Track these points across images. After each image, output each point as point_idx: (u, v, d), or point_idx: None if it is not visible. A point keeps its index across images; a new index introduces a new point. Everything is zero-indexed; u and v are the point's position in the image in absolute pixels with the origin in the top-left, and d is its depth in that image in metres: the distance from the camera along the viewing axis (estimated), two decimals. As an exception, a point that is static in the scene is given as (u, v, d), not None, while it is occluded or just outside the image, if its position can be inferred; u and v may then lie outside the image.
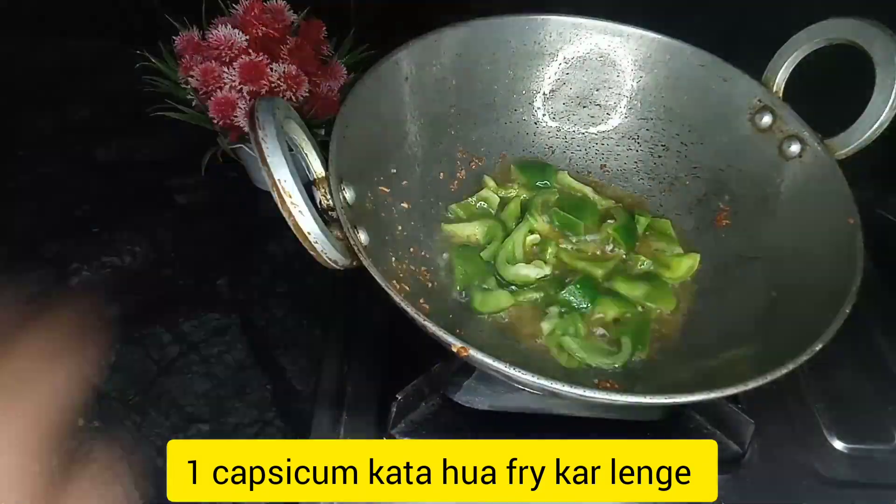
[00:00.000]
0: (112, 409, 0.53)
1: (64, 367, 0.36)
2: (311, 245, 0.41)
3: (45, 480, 0.34)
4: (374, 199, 0.52)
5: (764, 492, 0.51)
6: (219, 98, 0.58)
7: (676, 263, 0.58)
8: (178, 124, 0.67)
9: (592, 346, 0.53)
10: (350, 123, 0.49)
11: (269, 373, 0.56)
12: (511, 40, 0.61)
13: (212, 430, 0.53)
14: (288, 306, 0.61)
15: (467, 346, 0.39)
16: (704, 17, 0.74)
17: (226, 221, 0.68)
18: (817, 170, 0.54)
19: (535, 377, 0.38)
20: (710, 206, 0.61)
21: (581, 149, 0.66)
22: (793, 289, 0.51)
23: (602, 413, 0.53)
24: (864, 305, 0.62)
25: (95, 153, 0.74)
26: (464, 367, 0.54)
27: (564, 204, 0.61)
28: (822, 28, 0.55)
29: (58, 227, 0.66)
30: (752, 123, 0.58)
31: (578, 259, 0.58)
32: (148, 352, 0.57)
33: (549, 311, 0.54)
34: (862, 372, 0.59)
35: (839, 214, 0.50)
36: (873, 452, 0.54)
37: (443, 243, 0.59)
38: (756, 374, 0.40)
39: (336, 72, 0.63)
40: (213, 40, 0.59)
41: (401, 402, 0.50)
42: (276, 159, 0.39)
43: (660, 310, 0.56)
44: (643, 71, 0.63)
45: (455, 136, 0.62)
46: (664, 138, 0.64)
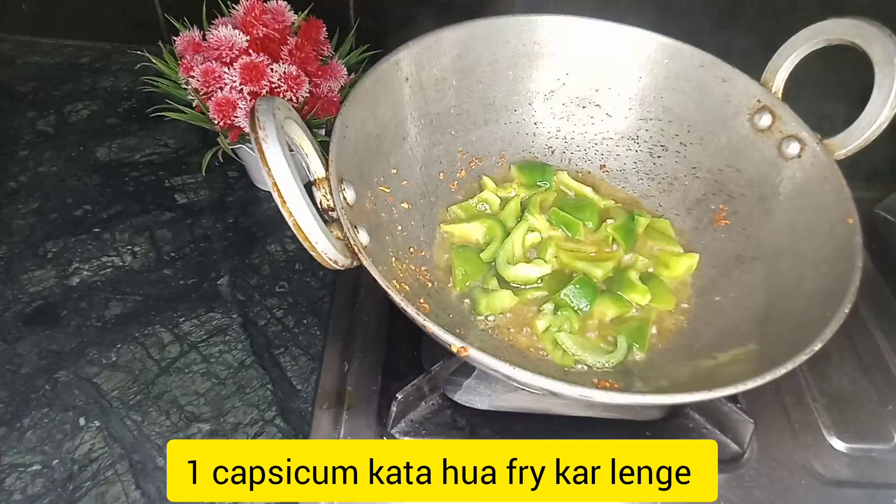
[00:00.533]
0: (112, 409, 0.53)
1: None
2: (312, 245, 0.41)
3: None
4: (374, 199, 0.52)
5: (764, 492, 0.51)
6: (219, 98, 0.58)
7: (675, 263, 0.58)
8: (178, 124, 0.68)
9: (588, 343, 0.53)
10: (350, 123, 0.49)
11: (269, 373, 0.57)
12: (511, 40, 0.61)
13: (212, 429, 0.53)
14: (288, 306, 0.61)
15: (467, 346, 0.39)
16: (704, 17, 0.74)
17: (226, 221, 0.68)
18: (816, 170, 0.54)
19: (534, 377, 0.38)
20: (709, 207, 0.61)
21: (581, 149, 0.67)
22: (792, 288, 0.51)
23: (602, 413, 0.53)
24: (864, 305, 0.63)
25: (96, 153, 0.74)
26: (464, 367, 0.54)
27: (564, 204, 0.61)
28: (821, 28, 0.55)
29: (58, 227, 0.66)
30: (752, 124, 0.58)
31: (578, 259, 0.58)
32: (148, 352, 0.57)
33: (543, 307, 0.54)
34: (862, 372, 0.59)
35: (838, 214, 0.50)
36: (873, 452, 0.54)
37: (443, 243, 0.59)
38: (756, 374, 0.40)
39: (336, 72, 0.64)
40: (213, 41, 0.59)
41: (401, 402, 0.50)
42: (276, 159, 0.39)
43: (659, 309, 0.56)
44: (643, 71, 0.63)
45: (455, 136, 0.62)
46: (663, 138, 0.64)
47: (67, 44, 0.88)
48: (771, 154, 0.57)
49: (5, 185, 0.70)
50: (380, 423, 0.52)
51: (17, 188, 0.69)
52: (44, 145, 0.74)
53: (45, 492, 0.49)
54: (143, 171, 0.72)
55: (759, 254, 0.56)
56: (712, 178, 0.61)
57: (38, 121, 0.77)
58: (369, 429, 0.52)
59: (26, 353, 0.56)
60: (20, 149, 0.74)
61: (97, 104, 0.80)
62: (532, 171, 0.64)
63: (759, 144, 0.58)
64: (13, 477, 0.49)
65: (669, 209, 0.64)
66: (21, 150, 0.73)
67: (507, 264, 0.56)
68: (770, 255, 0.55)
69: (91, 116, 0.78)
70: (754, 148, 0.58)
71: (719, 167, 0.61)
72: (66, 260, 0.63)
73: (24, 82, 0.82)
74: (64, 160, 0.73)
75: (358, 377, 0.55)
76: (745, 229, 0.58)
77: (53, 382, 0.54)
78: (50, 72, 0.84)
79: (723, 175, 0.61)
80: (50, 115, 0.78)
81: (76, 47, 0.87)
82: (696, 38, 0.61)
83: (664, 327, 0.56)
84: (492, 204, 0.61)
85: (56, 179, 0.71)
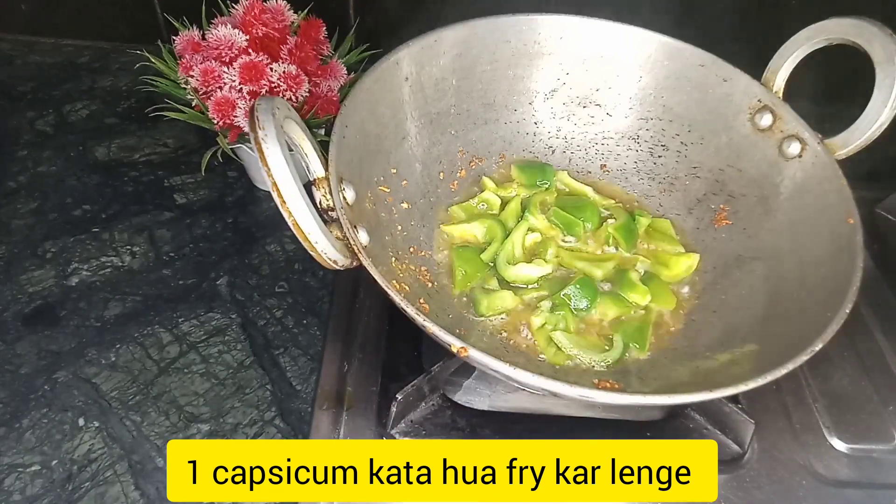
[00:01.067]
0: (111, 409, 0.53)
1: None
2: (312, 245, 0.41)
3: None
4: (374, 199, 0.52)
5: (764, 492, 0.51)
6: (219, 98, 0.58)
7: (675, 262, 0.58)
8: (177, 124, 0.67)
9: (584, 342, 0.53)
10: (350, 123, 0.49)
11: (269, 373, 0.56)
12: (511, 40, 0.61)
13: (211, 430, 0.53)
14: (288, 306, 0.61)
15: (467, 346, 0.39)
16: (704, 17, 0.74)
17: (226, 221, 0.68)
18: (817, 170, 0.54)
19: (535, 377, 0.38)
20: (709, 206, 0.61)
21: (581, 149, 0.66)
22: (793, 289, 0.51)
23: (602, 413, 0.53)
24: (864, 305, 0.63)
25: (95, 153, 0.74)
26: (464, 367, 0.54)
27: (564, 203, 0.61)
28: (822, 28, 0.55)
29: (58, 227, 0.66)
30: (752, 123, 0.58)
31: (578, 259, 0.58)
32: (147, 352, 0.57)
33: (541, 305, 0.54)
34: (862, 372, 0.59)
35: (839, 214, 0.50)
36: (873, 452, 0.54)
37: (443, 243, 0.59)
38: (756, 374, 0.40)
39: (336, 72, 0.63)
40: (212, 40, 0.59)
41: (401, 402, 0.50)
42: (276, 159, 0.39)
43: (659, 310, 0.56)
44: (643, 71, 0.63)
45: (455, 136, 0.62)
46: (664, 138, 0.64)
47: (66, 43, 0.88)
48: (772, 154, 0.57)
49: (4, 184, 0.69)
50: (380, 424, 0.52)
51: (16, 188, 0.69)
52: (43, 145, 0.74)
53: (45, 492, 0.48)
54: (143, 171, 0.72)
55: (759, 254, 0.56)
56: (713, 177, 0.61)
57: (37, 120, 0.77)
58: (369, 429, 0.52)
59: (25, 353, 0.56)
60: (19, 148, 0.73)
61: (96, 104, 0.80)
62: (532, 170, 0.64)
63: (760, 144, 0.58)
64: (12, 477, 0.49)
65: (670, 209, 0.64)
66: (20, 150, 0.73)
67: (508, 264, 0.56)
68: (771, 255, 0.55)
69: (90, 116, 0.78)
70: (755, 148, 0.58)
71: (720, 167, 0.61)
72: (66, 260, 0.63)
73: (24, 82, 0.82)
74: (63, 160, 0.73)
75: (358, 377, 0.55)
76: (746, 229, 0.58)
77: (52, 383, 0.54)
78: (49, 71, 0.84)
79: (723, 175, 0.60)
80: (49, 114, 0.78)
81: (75, 47, 0.87)
82: (696, 37, 0.60)
83: (664, 327, 0.56)
84: (492, 204, 0.61)
85: (55, 179, 0.71)
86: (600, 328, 0.55)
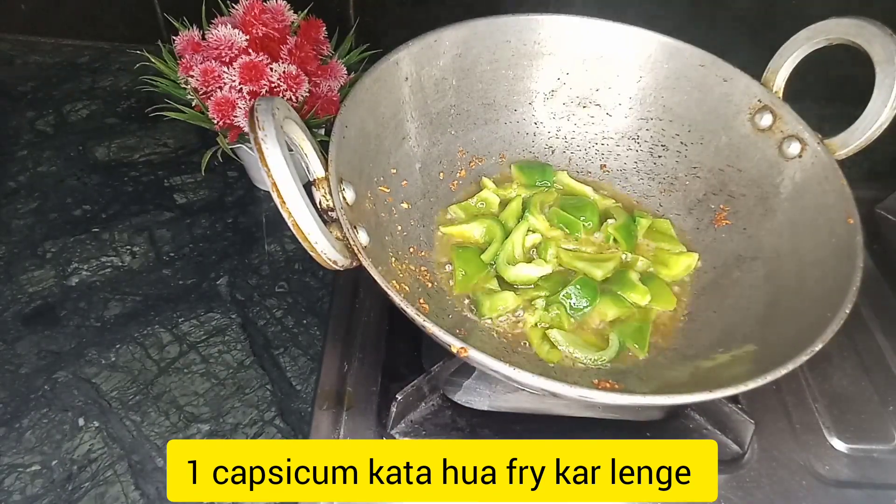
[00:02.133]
0: (111, 409, 0.53)
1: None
2: (311, 245, 0.41)
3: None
4: (373, 200, 0.52)
5: (764, 492, 0.51)
6: (219, 98, 0.58)
7: (674, 262, 0.58)
8: (177, 124, 0.68)
9: (579, 340, 0.53)
10: (350, 123, 0.49)
11: (269, 373, 0.56)
12: (511, 40, 0.61)
13: (211, 430, 0.53)
14: (287, 306, 0.61)
15: (467, 347, 0.39)
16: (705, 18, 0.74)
17: (226, 221, 0.68)
18: (817, 170, 0.54)
19: (535, 378, 0.38)
20: (709, 206, 0.61)
21: (581, 149, 0.66)
22: (792, 289, 0.51)
23: (602, 413, 0.53)
24: (864, 305, 0.63)
25: (95, 153, 0.74)
26: (464, 367, 0.54)
27: (564, 203, 0.61)
28: (822, 28, 0.55)
29: (57, 226, 0.66)
30: (752, 123, 0.58)
31: (578, 259, 0.58)
32: (147, 352, 0.57)
33: (536, 303, 0.54)
34: (862, 372, 0.59)
35: (839, 214, 0.50)
36: (873, 452, 0.54)
37: (443, 244, 0.59)
38: (756, 375, 0.40)
39: (336, 72, 0.63)
40: (212, 40, 0.58)
41: (401, 402, 0.50)
42: (276, 159, 0.39)
43: (659, 310, 0.56)
44: (643, 71, 0.63)
45: (455, 135, 0.62)
46: (664, 138, 0.64)
47: (67, 43, 0.88)
48: (772, 154, 0.57)
49: (4, 184, 0.69)
50: (380, 424, 0.52)
51: (16, 188, 0.69)
52: (43, 145, 0.74)
53: (45, 492, 0.48)
54: (143, 171, 0.72)
55: (759, 254, 0.56)
56: (713, 177, 0.61)
57: (37, 120, 0.77)
58: (369, 429, 0.52)
59: (25, 353, 0.56)
60: (19, 148, 0.73)
61: (96, 104, 0.80)
62: (532, 170, 0.64)
63: (760, 144, 0.58)
64: (12, 477, 0.49)
65: (670, 209, 0.64)
66: (20, 150, 0.73)
67: (508, 265, 0.56)
68: (771, 255, 0.55)
69: (90, 116, 0.78)
70: (755, 148, 0.58)
71: (720, 167, 0.61)
72: (66, 260, 0.63)
73: (24, 82, 0.82)
74: (63, 160, 0.73)
75: (358, 377, 0.55)
76: (746, 229, 0.58)
77: (52, 383, 0.54)
78: (49, 71, 0.84)
79: (723, 175, 0.60)
80: (49, 114, 0.78)
81: (75, 47, 0.87)
82: (696, 37, 0.60)
83: (664, 327, 0.56)
84: (492, 204, 0.61)
85: (55, 179, 0.71)
86: (601, 328, 0.55)
